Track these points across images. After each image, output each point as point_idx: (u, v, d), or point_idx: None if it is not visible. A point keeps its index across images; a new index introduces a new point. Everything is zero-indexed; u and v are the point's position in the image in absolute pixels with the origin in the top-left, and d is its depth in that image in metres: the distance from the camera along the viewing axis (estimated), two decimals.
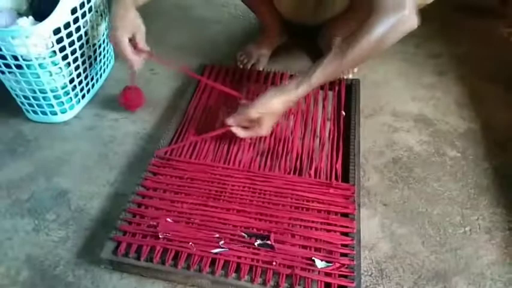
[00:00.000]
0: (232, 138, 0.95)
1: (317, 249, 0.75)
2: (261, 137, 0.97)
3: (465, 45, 1.32)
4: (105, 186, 0.91)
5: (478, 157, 0.97)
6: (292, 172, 0.89)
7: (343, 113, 1.03)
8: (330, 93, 1.10)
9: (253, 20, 1.43)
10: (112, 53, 1.23)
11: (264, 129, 0.90)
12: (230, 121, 0.91)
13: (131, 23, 0.92)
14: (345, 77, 1.16)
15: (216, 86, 1.03)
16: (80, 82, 1.05)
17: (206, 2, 1.12)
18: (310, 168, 0.90)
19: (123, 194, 0.88)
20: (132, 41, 0.93)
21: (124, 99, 1.06)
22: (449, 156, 0.98)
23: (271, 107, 0.87)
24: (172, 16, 1.24)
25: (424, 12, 0.96)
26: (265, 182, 0.86)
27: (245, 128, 0.91)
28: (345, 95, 1.09)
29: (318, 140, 0.98)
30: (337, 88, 1.10)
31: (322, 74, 0.84)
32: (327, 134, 0.99)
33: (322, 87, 1.10)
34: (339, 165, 0.90)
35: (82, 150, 0.99)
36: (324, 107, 1.06)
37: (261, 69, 1.21)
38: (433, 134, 1.03)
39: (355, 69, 1.21)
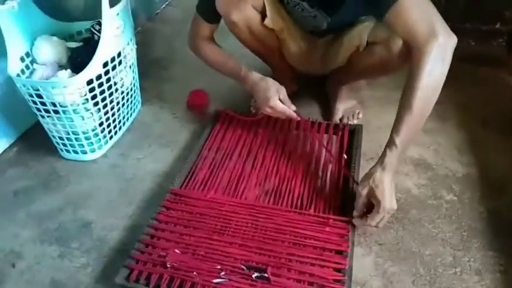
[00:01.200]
0: (241, 176, 1.05)
1: (310, 283, 0.81)
2: (267, 177, 1.06)
3: (469, 94, 1.37)
4: (124, 218, 1.02)
5: (473, 201, 1.02)
6: (292, 210, 0.97)
7: (345, 156, 1.11)
8: (334, 137, 1.18)
9: (268, 69, 1.55)
10: (139, 99, 1.37)
11: (391, 203, 0.89)
12: (372, 223, 0.89)
13: (274, 86, 1.08)
14: (350, 122, 1.25)
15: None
16: (109, 125, 1.18)
17: (220, 43, 1.24)
18: (310, 207, 0.97)
19: (140, 226, 0.98)
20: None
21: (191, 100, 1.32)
22: (445, 199, 1.02)
23: (389, 190, 0.88)
24: (195, 65, 1.38)
25: None
26: (267, 218, 0.94)
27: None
28: (348, 139, 1.16)
29: (319, 181, 1.05)
30: (340, 133, 1.18)
31: (402, 136, 0.87)
32: (328, 176, 1.06)
33: (326, 131, 1.18)
34: (337, 205, 0.97)
35: (106, 186, 1.10)
36: (327, 150, 1.14)
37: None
38: (432, 178, 1.09)
39: (360, 115, 1.29)
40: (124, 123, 1.27)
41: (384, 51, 1.06)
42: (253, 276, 0.82)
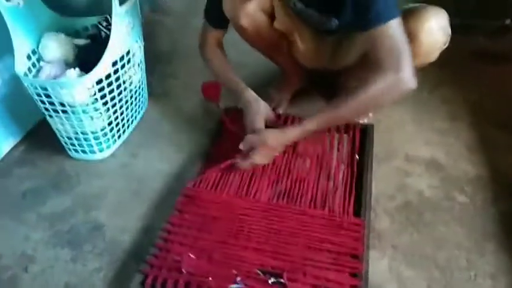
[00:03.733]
0: (252, 178, 1.04)
1: None
2: (279, 178, 1.05)
3: (478, 92, 1.37)
4: (136, 220, 1.01)
5: (486, 203, 1.02)
6: (306, 213, 0.96)
7: (357, 157, 1.10)
8: (345, 137, 1.17)
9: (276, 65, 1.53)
10: (146, 97, 1.35)
11: (258, 159, 1.02)
12: (241, 145, 1.03)
13: (266, 110, 1.12)
14: (360, 122, 1.24)
15: None
16: (117, 124, 1.17)
17: (233, 47, 1.23)
18: (323, 210, 0.96)
19: (152, 227, 0.98)
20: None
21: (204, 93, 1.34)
22: (458, 201, 1.02)
23: (266, 140, 1.00)
24: (200, 60, 1.36)
25: (438, 58, 1.04)
26: (281, 222, 0.93)
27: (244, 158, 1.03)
28: (359, 139, 1.15)
29: (331, 183, 1.04)
30: (351, 133, 1.17)
31: (316, 121, 0.99)
32: (340, 177, 1.06)
33: (338, 130, 1.17)
34: (351, 208, 0.96)
35: (116, 187, 1.09)
36: (338, 150, 1.13)
37: (281, 112, 1.30)
38: (444, 179, 1.08)
39: (370, 114, 1.28)
40: (132, 122, 1.26)
41: None
42: (270, 281, 0.81)
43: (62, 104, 1.03)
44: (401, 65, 0.88)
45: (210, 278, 0.82)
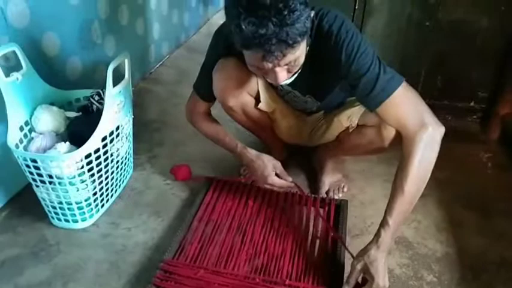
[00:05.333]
0: (230, 252, 1.07)
1: None
2: (256, 253, 1.08)
3: (447, 170, 1.45)
4: None
5: (453, 283, 1.06)
6: None
7: (331, 233, 1.15)
8: (321, 211, 1.23)
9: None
10: (131, 165, 1.40)
11: (384, 281, 0.92)
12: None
13: (270, 163, 1.17)
14: (335, 196, 1.30)
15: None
16: (101, 194, 1.20)
17: (216, 117, 1.31)
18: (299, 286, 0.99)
19: None
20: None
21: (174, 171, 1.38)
22: (426, 280, 1.07)
23: (383, 268, 0.92)
24: (187, 129, 1.43)
25: None
26: None
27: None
28: (334, 215, 1.21)
29: (307, 258, 1.08)
30: (327, 208, 1.23)
31: (395, 217, 0.93)
32: (316, 253, 1.10)
33: (314, 205, 1.23)
34: (326, 283, 1.00)
35: (96, 258, 1.11)
36: (314, 226, 1.18)
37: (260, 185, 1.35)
38: (413, 257, 1.13)
39: (345, 189, 1.35)
40: (116, 191, 1.30)
41: (374, 135, 1.13)
42: None
43: (50, 176, 1.07)
44: (424, 120, 0.89)
45: None
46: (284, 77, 0.91)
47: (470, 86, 1.69)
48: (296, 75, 0.96)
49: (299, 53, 0.87)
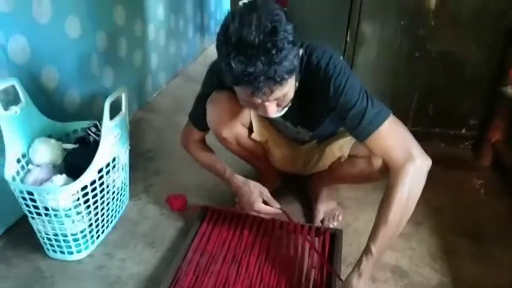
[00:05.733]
0: (225, 284, 1.07)
1: None
2: (251, 285, 1.08)
3: (441, 197, 1.47)
4: None
5: None
6: None
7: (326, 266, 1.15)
8: (316, 241, 1.23)
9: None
10: (127, 195, 1.41)
11: None
12: None
13: (257, 189, 1.18)
14: (330, 225, 1.31)
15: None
16: (97, 225, 1.21)
17: (212, 145, 1.33)
18: None
19: None
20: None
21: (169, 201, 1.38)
22: None
23: None
24: (183, 158, 1.45)
25: None
26: None
27: None
28: (329, 244, 1.22)
29: None
30: (322, 237, 1.24)
31: (378, 245, 0.94)
32: (311, 284, 1.10)
33: (309, 233, 1.24)
34: None
35: None
36: (310, 255, 1.18)
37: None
38: (407, 286, 1.13)
39: (340, 217, 1.36)
40: (112, 221, 1.30)
41: (365, 165, 1.15)
42: None
43: (46, 208, 1.08)
44: (411, 153, 0.91)
45: None
46: (274, 111, 0.94)
47: (461, 113, 1.73)
48: (287, 108, 0.98)
49: (288, 88, 0.90)
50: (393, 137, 0.95)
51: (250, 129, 1.27)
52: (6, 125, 1.12)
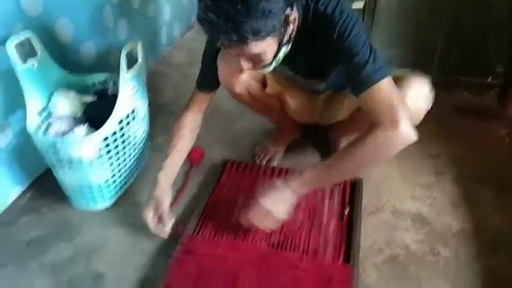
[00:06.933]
0: (246, 231, 1.09)
1: None
2: (271, 231, 1.10)
3: (463, 147, 1.44)
4: (136, 270, 1.05)
5: (469, 257, 1.07)
6: (298, 267, 1.01)
7: (346, 212, 1.16)
8: (336, 190, 1.23)
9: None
10: (148, 147, 1.42)
11: (256, 222, 1.03)
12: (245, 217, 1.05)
13: (155, 202, 1.08)
14: None
15: None
16: (120, 176, 1.23)
17: (230, 100, 1.31)
18: (314, 263, 1.01)
19: (152, 277, 1.02)
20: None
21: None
22: (442, 255, 1.07)
23: (274, 197, 1.00)
24: None
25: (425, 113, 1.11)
26: (274, 276, 0.98)
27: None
28: (349, 193, 1.22)
29: (322, 236, 1.09)
30: (342, 186, 1.24)
31: (312, 174, 0.98)
32: (331, 231, 1.11)
33: None
34: (340, 262, 1.02)
35: (117, 237, 1.14)
36: (329, 204, 1.19)
37: (275, 165, 1.37)
38: (429, 233, 1.14)
39: None
40: (134, 173, 1.32)
41: None
42: None
43: (69, 159, 1.10)
44: (398, 121, 0.88)
45: None
46: (246, 66, 0.92)
47: (488, 60, 1.66)
48: (271, 67, 0.95)
49: (261, 50, 0.85)
50: (386, 97, 0.90)
51: (264, 84, 1.24)
52: (24, 78, 1.12)
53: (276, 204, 1.01)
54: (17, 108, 1.21)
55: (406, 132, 0.89)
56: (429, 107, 1.08)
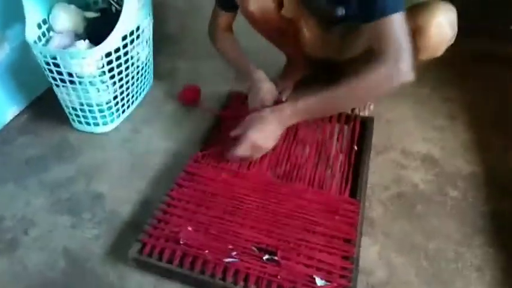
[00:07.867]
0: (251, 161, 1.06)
1: (318, 269, 0.83)
2: (278, 162, 1.07)
3: (479, 93, 1.39)
4: (136, 193, 1.03)
5: (477, 199, 1.04)
6: (303, 197, 0.98)
7: (355, 147, 1.12)
8: (346, 127, 1.19)
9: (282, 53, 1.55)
10: (152, 75, 1.36)
11: (254, 139, 1.01)
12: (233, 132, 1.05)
13: (270, 93, 1.11)
14: (361, 114, 1.26)
15: None
16: (122, 98, 1.18)
17: (247, 31, 1.24)
18: (320, 195, 0.99)
19: (151, 201, 1.00)
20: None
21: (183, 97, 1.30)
22: (450, 196, 1.05)
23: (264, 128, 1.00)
24: (206, 40, 1.37)
25: (442, 57, 1.06)
26: (278, 203, 0.96)
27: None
28: (359, 131, 1.18)
29: (329, 170, 1.06)
30: (352, 124, 1.20)
31: (306, 103, 0.97)
32: (338, 165, 1.08)
33: (339, 121, 1.20)
34: (346, 194, 0.99)
35: (118, 160, 1.11)
36: (338, 140, 1.15)
37: (284, 99, 1.31)
38: (438, 174, 1.11)
39: (372, 107, 1.30)
40: (137, 98, 1.28)
41: None
42: (264, 258, 0.84)
43: (70, 74, 1.05)
44: (401, 57, 0.88)
45: (207, 251, 0.84)
46: None
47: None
48: None
49: None
50: (395, 32, 0.89)
51: (280, 6, 1.16)
52: None
53: (263, 137, 1.01)
54: (15, 22, 1.14)
55: (405, 70, 0.89)
56: (453, 39, 1.01)
